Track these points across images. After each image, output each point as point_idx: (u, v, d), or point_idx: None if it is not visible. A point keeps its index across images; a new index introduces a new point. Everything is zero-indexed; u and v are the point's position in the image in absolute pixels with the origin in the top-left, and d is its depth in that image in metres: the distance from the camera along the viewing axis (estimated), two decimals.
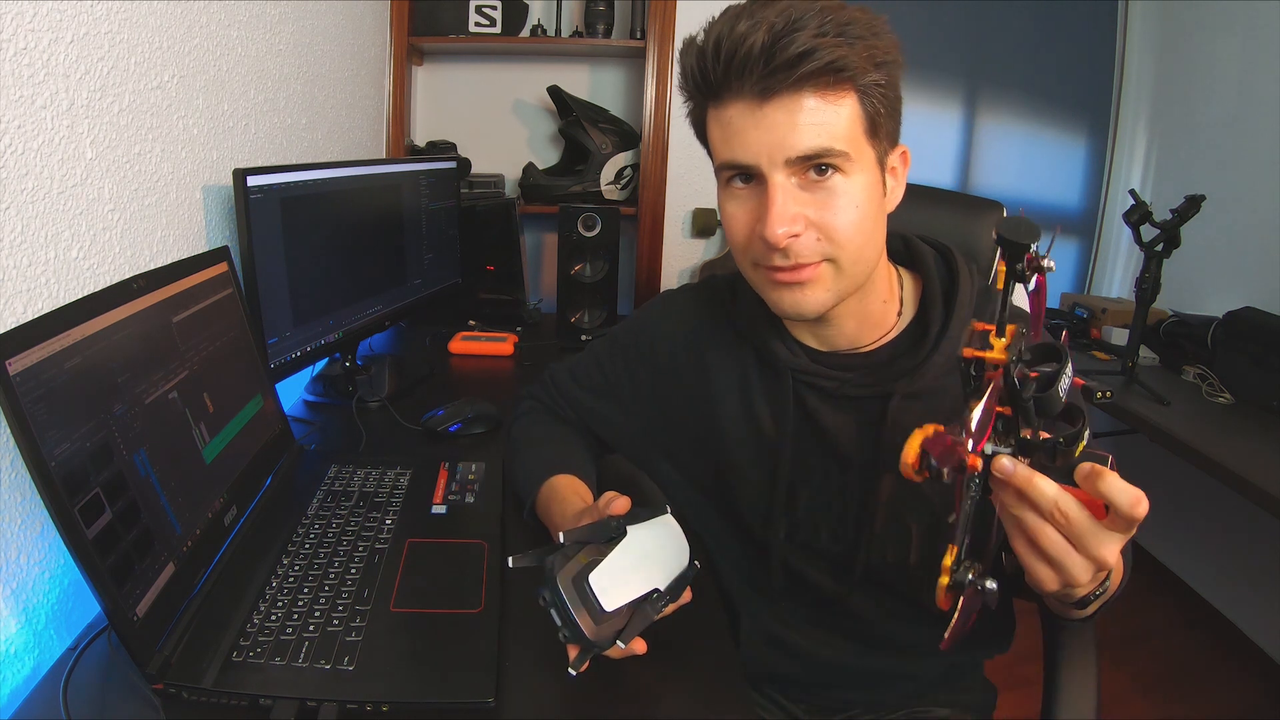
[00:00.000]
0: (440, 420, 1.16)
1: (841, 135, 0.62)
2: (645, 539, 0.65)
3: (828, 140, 0.61)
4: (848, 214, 0.64)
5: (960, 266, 0.76)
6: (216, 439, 0.80)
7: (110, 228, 0.82)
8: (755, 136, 0.62)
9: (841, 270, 0.66)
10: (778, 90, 0.60)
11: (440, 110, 2.18)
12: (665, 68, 1.98)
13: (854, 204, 0.64)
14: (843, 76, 0.60)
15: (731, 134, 0.64)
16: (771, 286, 0.69)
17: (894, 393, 0.73)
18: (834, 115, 0.61)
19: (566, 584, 0.60)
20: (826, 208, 0.63)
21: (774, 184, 0.63)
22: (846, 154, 0.62)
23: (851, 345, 0.75)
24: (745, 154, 0.63)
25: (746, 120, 0.62)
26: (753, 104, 0.62)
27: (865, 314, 0.74)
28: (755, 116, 0.62)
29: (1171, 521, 2.23)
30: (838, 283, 0.67)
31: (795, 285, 0.67)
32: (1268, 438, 1.46)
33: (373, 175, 1.34)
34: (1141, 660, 1.92)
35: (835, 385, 0.75)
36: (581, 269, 1.68)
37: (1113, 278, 2.51)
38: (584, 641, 0.59)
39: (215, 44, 1.03)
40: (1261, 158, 1.94)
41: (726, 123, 0.64)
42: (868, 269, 0.69)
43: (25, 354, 0.54)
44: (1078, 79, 2.45)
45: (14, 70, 0.67)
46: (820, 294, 0.67)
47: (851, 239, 0.65)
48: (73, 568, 0.57)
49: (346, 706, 0.60)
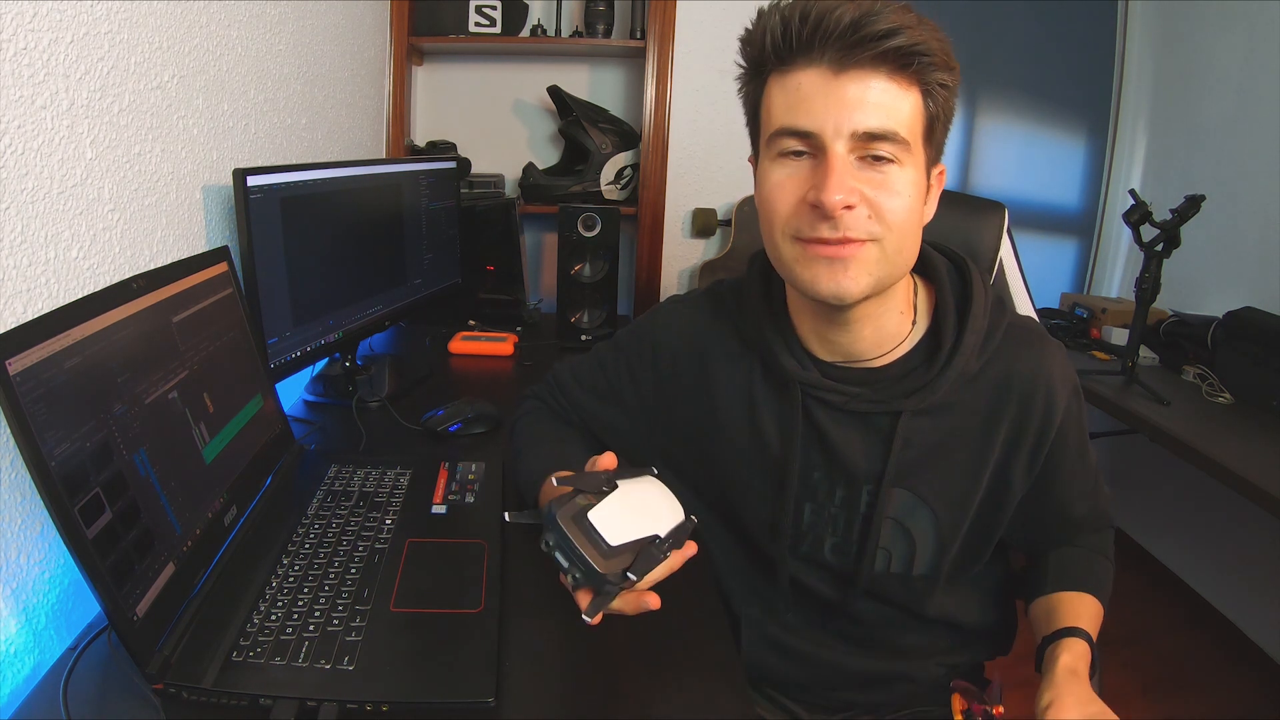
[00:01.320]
0: (440, 420, 1.16)
1: (905, 124, 0.62)
2: (636, 491, 0.64)
3: (894, 124, 0.62)
4: (900, 199, 0.63)
5: (975, 279, 0.75)
6: (216, 439, 0.80)
7: (110, 228, 0.82)
8: (824, 105, 0.62)
9: (885, 255, 0.65)
10: (856, 62, 0.60)
11: (440, 110, 2.18)
12: (665, 68, 1.98)
13: (906, 193, 0.64)
14: (921, 64, 0.61)
15: (799, 100, 0.63)
16: (810, 264, 0.66)
17: (903, 410, 0.72)
18: (902, 102, 0.62)
19: (569, 521, 0.59)
20: (882, 188, 0.63)
21: (834, 153, 0.62)
22: (907, 143, 0.63)
23: (862, 357, 0.74)
24: (811, 121, 0.62)
25: (818, 87, 0.62)
26: (828, 73, 0.61)
27: (882, 322, 0.73)
28: (829, 85, 0.62)
29: (1171, 521, 2.23)
30: (880, 267, 0.65)
31: (838, 262, 0.64)
32: (1268, 438, 1.46)
33: (373, 175, 1.34)
34: (1141, 660, 1.92)
35: (843, 400, 0.74)
36: (581, 269, 1.68)
37: (1113, 278, 2.51)
38: (595, 579, 0.57)
39: (215, 44, 1.03)
40: (1261, 158, 1.94)
41: (794, 89, 0.63)
42: (906, 264, 0.68)
43: (25, 354, 0.54)
44: (1078, 79, 2.45)
45: (14, 70, 0.67)
46: (862, 277, 0.65)
47: (902, 224, 0.64)
48: (73, 568, 0.57)
49: (346, 706, 0.60)
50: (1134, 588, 2.23)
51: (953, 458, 0.74)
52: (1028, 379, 0.73)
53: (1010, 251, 1.07)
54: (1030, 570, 0.86)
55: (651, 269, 2.10)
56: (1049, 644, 0.74)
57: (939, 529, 0.76)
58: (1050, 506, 0.80)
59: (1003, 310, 0.76)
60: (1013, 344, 0.74)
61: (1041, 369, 0.73)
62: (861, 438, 0.75)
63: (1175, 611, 2.13)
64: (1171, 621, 2.09)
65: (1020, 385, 0.73)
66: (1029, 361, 0.73)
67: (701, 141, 2.14)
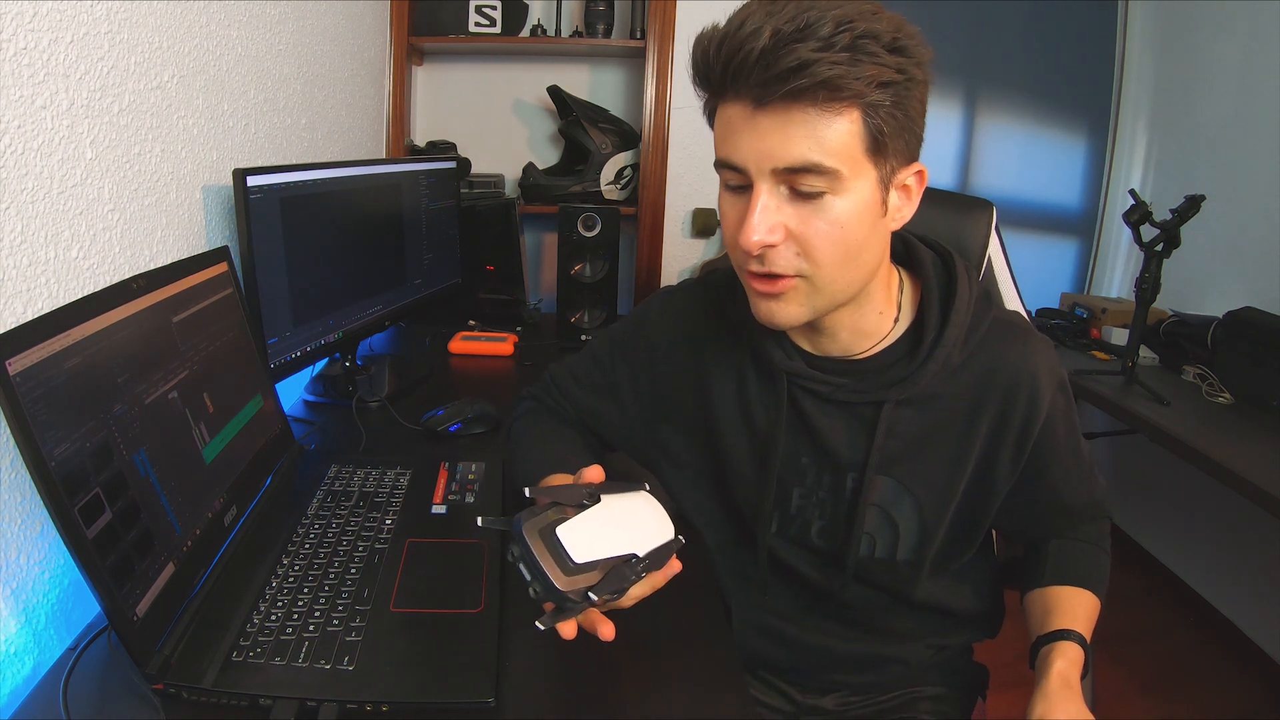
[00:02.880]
0: (440, 420, 1.16)
1: (835, 151, 0.59)
2: (621, 508, 0.62)
3: (818, 155, 0.59)
4: (831, 232, 0.62)
5: (960, 272, 0.75)
6: (216, 439, 0.80)
7: (110, 228, 0.82)
8: (747, 141, 0.61)
9: (816, 288, 0.65)
10: (771, 99, 0.58)
11: (440, 110, 2.18)
12: (665, 68, 1.98)
13: (839, 223, 0.62)
14: (842, 91, 0.57)
15: (728, 133, 0.63)
16: (753, 295, 0.69)
17: (886, 400, 0.74)
18: (829, 130, 0.59)
19: (534, 535, 0.58)
20: (809, 223, 0.62)
21: (758, 191, 0.61)
22: (837, 171, 0.60)
23: (844, 352, 0.76)
24: (737, 156, 0.62)
25: (741, 122, 0.61)
26: (748, 108, 0.60)
27: (859, 326, 0.74)
28: (750, 121, 0.60)
29: (1171, 521, 2.23)
30: (812, 299, 0.66)
31: (770, 296, 0.66)
32: (1267, 438, 1.46)
33: (373, 175, 1.34)
34: (1141, 660, 1.92)
35: (828, 390, 0.76)
36: (581, 269, 1.68)
37: (1113, 278, 2.51)
38: (554, 594, 0.57)
39: (215, 44, 1.03)
40: (1261, 158, 1.94)
41: (726, 121, 0.63)
42: (849, 288, 0.68)
43: (25, 354, 0.54)
44: (1078, 79, 2.45)
45: (14, 70, 0.67)
46: (793, 308, 0.67)
47: (830, 258, 0.63)
48: (73, 568, 0.57)
49: (346, 706, 0.60)
50: (1134, 588, 2.23)
51: (936, 448, 0.76)
52: (1012, 373, 0.74)
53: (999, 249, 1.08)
54: (1028, 560, 0.87)
55: (651, 269, 2.10)
56: (1044, 644, 0.75)
57: (923, 517, 0.77)
58: (1044, 499, 0.81)
59: (989, 304, 0.77)
60: (998, 338, 0.75)
61: (1026, 363, 0.74)
62: (845, 426, 0.76)
63: (1175, 611, 2.13)
64: (1171, 621, 2.09)
65: (1004, 379, 0.74)
66: (1013, 356, 0.74)
67: (701, 141, 2.14)
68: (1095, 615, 0.80)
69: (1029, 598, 0.83)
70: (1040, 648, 0.76)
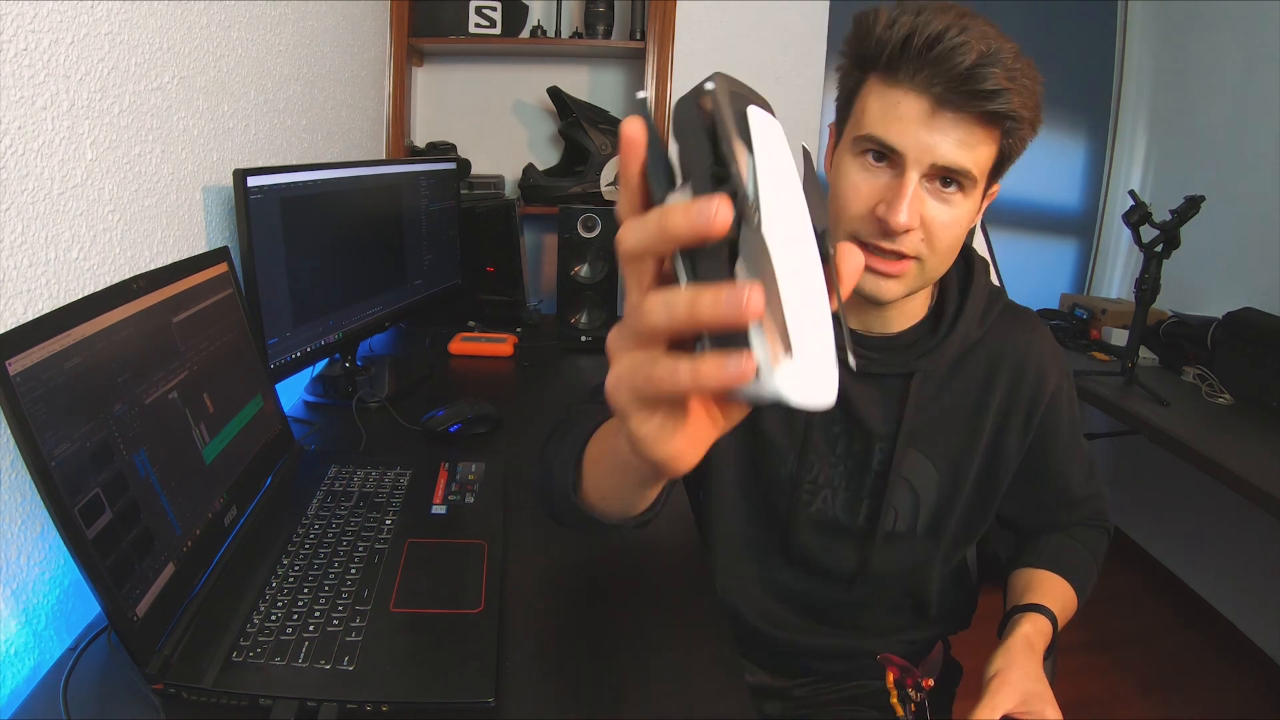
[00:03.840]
0: (440, 421, 1.16)
1: (980, 163, 0.67)
2: None
3: (970, 164, 0.66)
4: (952, 227, 0.69)
5: (975, 261, 0.82)
6: (216, 439, 0.80)
7: (110, 228, 0.82)
8: (916, 132, 0.65)
9: (925, 272, 0.72)
10: (955, 107, 0.64)
11: (440, 111, 2.18)
12: (665, 68, 1.98)
13: (960, 221, 0.70)
14: (1009, 126, 0.66)
15: (894, 118, 0.66)
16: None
17: (915, 371, 0.79)
18: (983, 146, 0.67)
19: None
20: (938, 216, 0.69)
21: (911, 178, 0.66)
22: (976, 180, 0.68)
23: (883, 330, 0.81)
24: (901, 141, 0.66)
25: (916, 114, 0.65)
26: (930, 103, 0.65)
27: (907, 306, 0.80)
28: (926, 116, 0.65)
29: (1171, 521, 2.23)
30: (917, 281, 0.73)
31: (886, 275, 0.71)
32: (1268, 438, 1.46)
33: (373, 176, 1.34)
34: (1141, 660, 1.92)
35: (862, 363, 0.80)
36: (581, 270, 1.68)
37: (1112, 278, 2.51)
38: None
39: (215, 45, 1.03)
40: (1261, 158, 1.94)
41: (893, 104, 0.66)
42: (939, 272, 0.75)
43: (25, 354, 0.54)
44: (1078, 79, 2.45)
45: (14, 71, 0.67)
46: (900, 288, 0.72)
47: (945, 248, 0.71)
48: (73, 568, 0.57)
49: (346, 706, 0.60)
50: (1134, 588, 2.23)
51: (954, 422, 0.81)
52: (1020, 352, 0.81)
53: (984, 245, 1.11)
54: (1024, 547, 0.90)
55: None
56: (1015, 613, 0.79)
57: (941, 489, 0.82)
58: (1048, 481, 0.86)
59: (1001, 294, 0.84)
60: (1008, 320, 0.82)
61: (1034, 344, 0.82)
62: (877, 398, 0.80)
63: (1175, 611, 2.13)
64: (1171, 621, 2.09)
65: (1014, 358, 0.81)
66: (1021, 336, 0.82)
67: None
68: (1071, 609, 0.83)
69: (1013, 575, 0.87)
70: (1012, 615, 0.79)
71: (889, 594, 0.87)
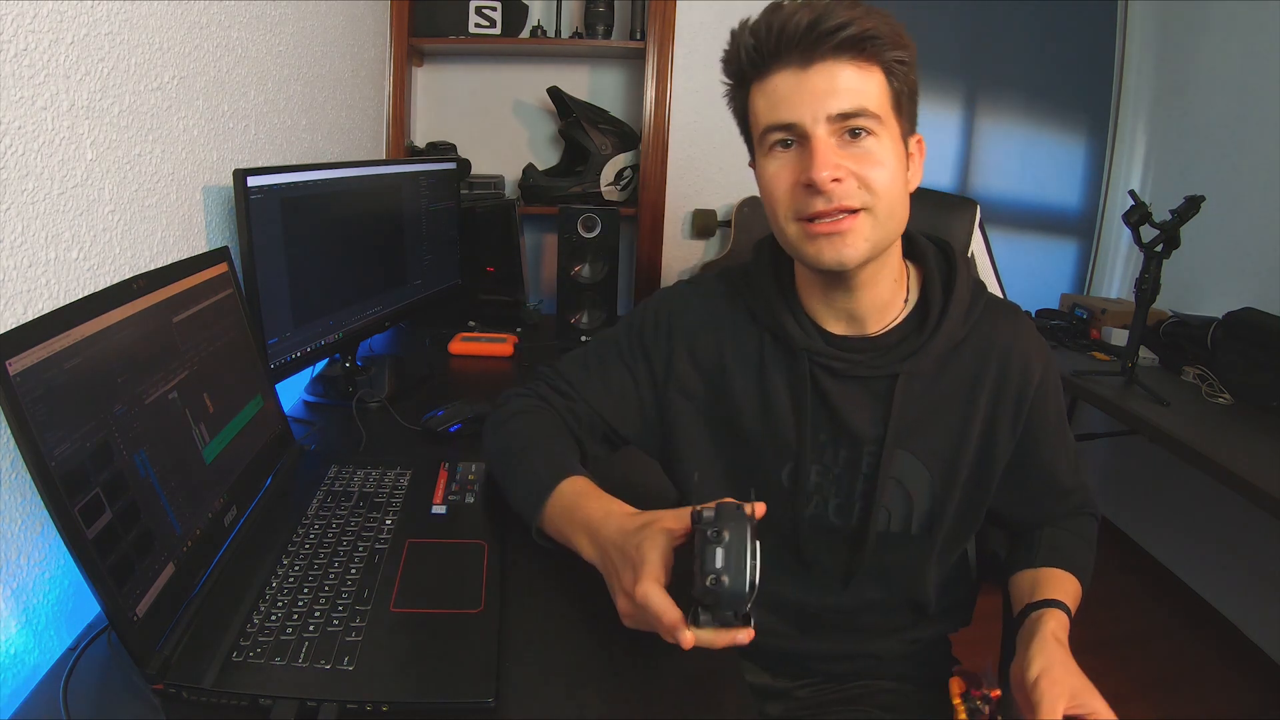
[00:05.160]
0: (440, 421, 1.16)
1: (874, 100, 0.70)
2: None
3: (863, 102, 0.70)
4: (882, 169, 0.71)
5: (958, 259, 0.82)
6: (216, 439, 0.80)
7: (110, 228, 0.82)
8: (799, 99, 0.70)
9: (877, 221, 0.72)
10: (819, 56, 0.69)
11: (440, 111, 2.18)
12: (665, 68, 1.98)
13: (885, 161, 0.71)
14: (875, 45, 0.69)
15: (778, 99, 0.72)
16: (813, 240, 0.73)
17: (900, 373, 0.79)
18: (866, 83, 0.70)
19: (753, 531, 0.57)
20: (862, 162, 0.71)
21: (817, 137, 0.70)
22: (879, 117, 0.71)
23: (862, 325, 0.81)
24: (791, 113, 0.71)
25: (792, 85, 0.71)
26: (797, 70, 0.70)
27: (880, 288, 0.80)
28: (799, 80, 0.70)
29: (1171, 521, 2.23)
30: (874, 232, 0.73)
31: (836, 235, 0.72)
32: (1268, 438, 1.46)
33: (373, 176, 1.34)
34: (1141, 660, 1.91)
35: (846, 366, 0.80)
36: (581, 270, 1.68)
37: (1112, 278, 2.51)
38: (737, 599, 0.56)
39: (215, 45, 1.03)
40: (1261, 158, 1.94)
41: (772, 90, 0.72)
42: (898, 227, 0.76)
43: (25, 354, 0.54)
44: (1078, 79, 2.45)
45: (14, 71, 0.67)
46: (860, 243, 0.72)
47: (887, 190, 0.72)
48: (73, 568, 0.57)
49: (346, 706, 0.60)
50: (1134, 588, 2.23)
51: (944, 420, 0.81)
52: (1005, 346, 0.81)
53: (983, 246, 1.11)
54: (1019, 544, 0.90)
55: (651, 270, 2.10)
56: (1032, 610, 0.78)
57: (934, 488, 0.82)
58: (1038, 474, 0.86)
59: (983, 289, 0.84)
60: (992, 316, 0.82)
61: (1018, 337, 0.82)
62: (863, 401, 0.81)
63: (1175, 611, 2.13)
64: (1171, 621, 2.09)
65: (999, 351, 0.81)
66: (1006, 330, 0.82)
67: (701, 142, 2.15)
68: (1078, 600, 0.83)
69: (1016, 577, 0.87)
70: (1030, 613, 0.78)
71: (886, 595, 0.86)
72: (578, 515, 0.74)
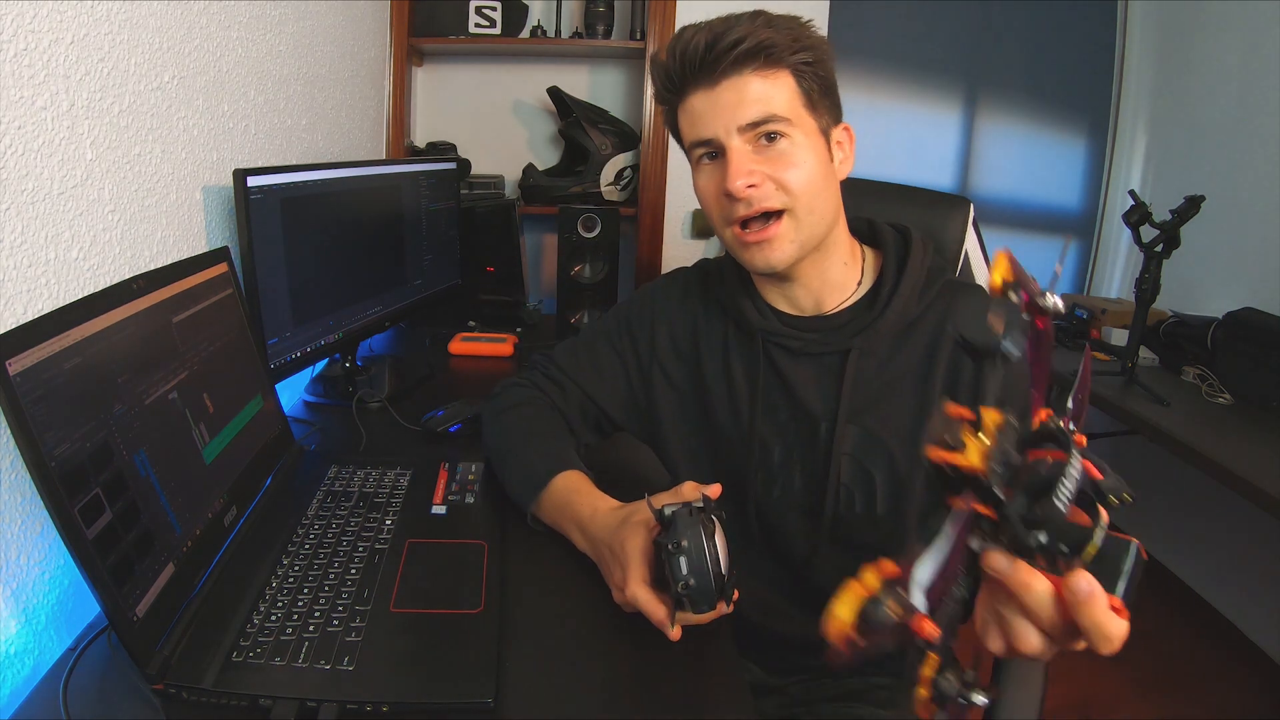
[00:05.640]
0: (440, 421, 1.16)
1: (781, 106, 0.75)
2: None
3: (770, 109, 0.74)
4: (798, 170, 0.75)
5: (915, 241, 0.85)
6: (216, 439, 0.80)
7: (110, 228, 0.82)
8: (712, 114, 0.76)
9: (799, 221, 0.77)
10: (723, 73, 0.74)
11: (440, 111, 2.18)
12: None
13: (801, 161, 0.76)
14: (774, 53, 0.73)
15: (695, 118, 0.77)
16: (745, 248, 0.79)
17: (852, 348, 0.81)
18: (773, 90, 0.74)
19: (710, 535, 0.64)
20: (777, 164, 0.75)
21: (731, 148, 0.75)
22: (789, 119, 0.75)
23: (816, 307, 0.85)
24: (706, 129, 0.76)
25: (704, 103, 0.76)
26: (707, 89, 0.76)
27: (826, 273, 0.83)
28: (710, 98, 0.76)
29: (1171, 521, 2.23)
30: (799, 233, 0.77)
31: (765, 243, 0.77)
32: (1268, 438, 1.46)
33: (373, 176, 1.34)
34: (1141, 660, 1.91)
35: (800, 344, 0.84)
36: (581, 270, 1.68)
37: (1112, 278, 2.51)
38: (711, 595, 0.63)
39: (215, 45, 1.03)
40: (1261, 158, 1.94)
41: (690, 110, 0.78)
42: (825, 223, 0.79)
43: (25, 354, 0.54)
44: (1078, 79, 2.45)
45: (14, 71, 0.67)
46: (785, 246, 0.77)
47: (805, 189, 0.76)
48: (73, 568, 0.57)
49: (346, 706, 0.60)
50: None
51: (901, 397, 0.82)
52: None
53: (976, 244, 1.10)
54: None
55: (651, 270, 2.10)
56: None
57: (895, 466, 0.82)
58: None
59: (942, 270, 0.86)
60: (951, 294, 0.84)
61: None
62: (816, 377, 0.84)
63: (1175, 611, 2.13)
64: (1171, 621, 2.09)
65: None
66: None
67: None
68: None
69: None
70: None
71: None
72: (569, 512, 0.81)
